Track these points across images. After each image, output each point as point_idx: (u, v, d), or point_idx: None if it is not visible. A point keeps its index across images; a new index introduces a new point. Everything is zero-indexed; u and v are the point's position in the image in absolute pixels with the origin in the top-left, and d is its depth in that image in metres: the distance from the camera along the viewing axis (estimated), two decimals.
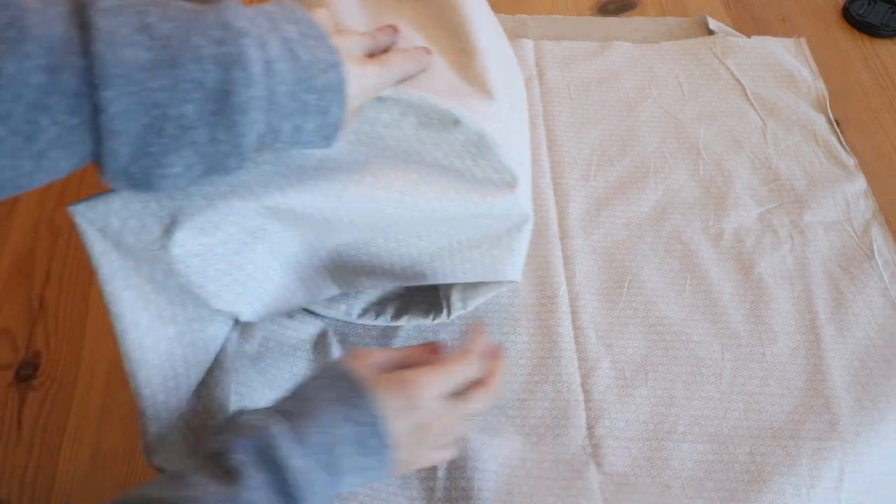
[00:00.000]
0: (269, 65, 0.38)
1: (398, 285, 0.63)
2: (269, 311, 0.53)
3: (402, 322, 0.63)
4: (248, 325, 0.55)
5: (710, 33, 0.90)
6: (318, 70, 0.41)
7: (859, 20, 0.91)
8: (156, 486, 0.38)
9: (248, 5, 0.41)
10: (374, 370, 0.46)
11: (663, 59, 0.87)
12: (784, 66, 0.85)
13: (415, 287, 0.64)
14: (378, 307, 0.64)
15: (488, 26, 0.60)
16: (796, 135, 0.80)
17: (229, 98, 0.37)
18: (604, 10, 0.94)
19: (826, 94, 0.83)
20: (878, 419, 0.61)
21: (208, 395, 0.51)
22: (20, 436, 0.62)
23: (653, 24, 0.92)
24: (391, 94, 0.48)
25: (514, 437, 0.59)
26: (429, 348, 0.51)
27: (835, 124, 0.81)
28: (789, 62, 0.86)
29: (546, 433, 0.59)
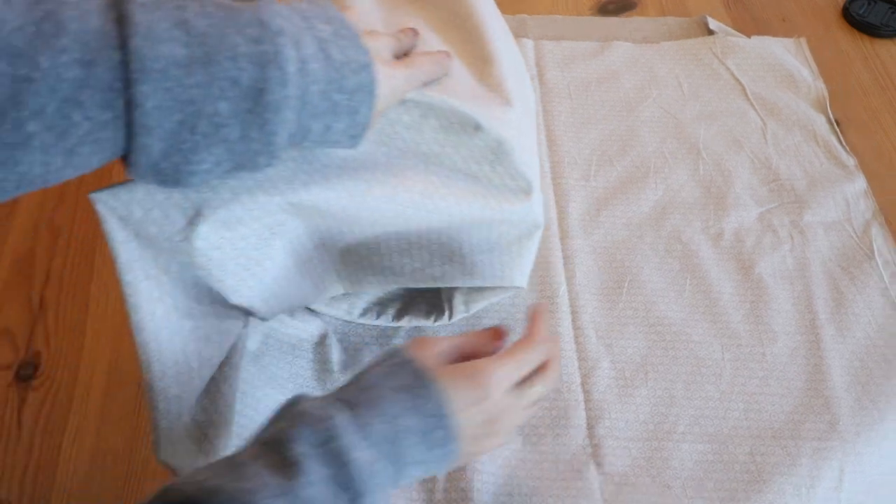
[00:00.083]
0: (303, 64, 0.38)
1: (403, 287, 0.63)
2: (281, 307, 0.53)
3: (403, 323, 0.63)
4: (250, 322, 0.55)
5: (710, 33, 0.90)
6: (350, 71, 0.41)
7: (859, 20, 0.91)
8: (210, 475, 0.36)
9: (283, 2, 0.40)
10: (440, 359, 0.45)
11: (663, 59, 0.87)
12: (784, 66, 0.85)
13: (416, 288, 0.64)
14: (379, 307, 0.64)
15: (500, 31, 0.60)
16: (796, 135, 0.80)
17: (263, 97, 0.37)
18: (604, 10, 0.94)
19: (826, 94, 0.83)
20: (878, 419, 0.61)
21: (216, 390, 0.50)
22: (20, 436, 0.62)
23: (653, 24, 0.92)
24: (414, 97, 0.48)
25: (514, 437, 0.59)
26: (493, 334, 0.49)
27: (835, 124, 0.81)
28: (789, 62, 0.86)
29: (546, 433, 0.59)
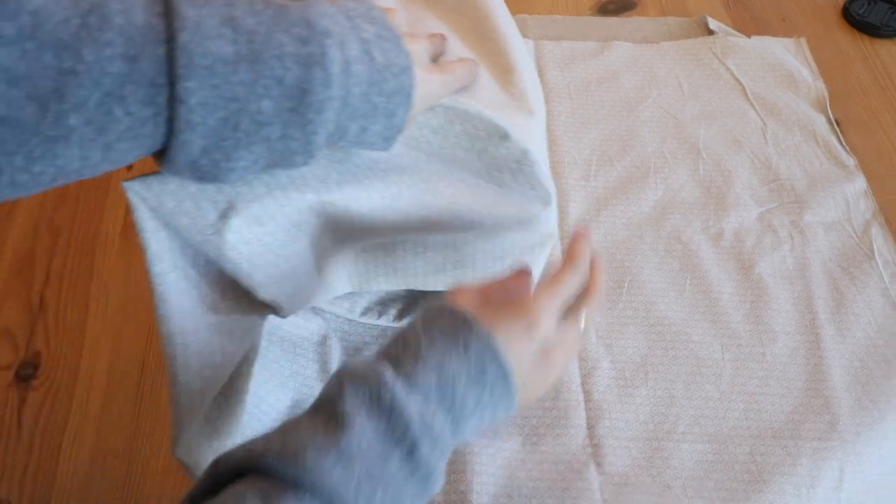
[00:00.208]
0: (347, 66, 0.38)
1: (411, 289, 0.63)
2: (302, 305, 0.53)
3: (404, 323, 0.63)
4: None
5: (710, 33, 0.90)
6: (391, 74, 0.41)
7: (859, 20, 0.91)
8: (263, 439, 0.35)
9: (328, 1, 0.40)
10: (478, 303, 0.43)
11: (663, 59, 0.87)
12: (784, 66, 0.85)
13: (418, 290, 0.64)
14: (381, 307, 0.64)
15: (518, 38, 0.60)
16: (796, 135, 0.80)
17: (307, 97, 0.37)
18: (604, 10, 0.94)
19: (826, 94, 0.83)
20: (878, 419, 0.61)
21: (230, 386, 0.50)
22: (20, 436, 0.62)
23: (653, 24, 0.92)
24: (445, 101, 0.48)
25: (513, 438, 0.59)
26: (517, 274, 0.47)
27: (835, 124, 0.81)
28: (789, 62, 0.86)
29: (546, 433, 0.59)
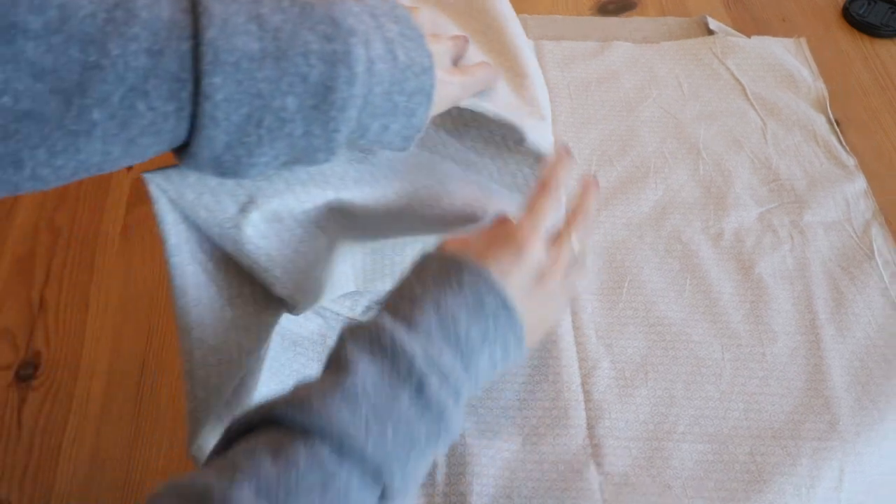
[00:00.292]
0: (371, 64, 0.38)
1: None
2: (315, 302, 0.52)
3: None
4: None
5: (710, 33, 0.90)
6: (413, 73, 0.41)
7: (859, 20, 0.91)
8: (275, 397, 0.37)
9: None
10: (464, 246, 0.43)
11: (663, 59, 0.87)
12: (784, 66, 0.85)
13: None
14: (381, 306, 0.64)
15: (525, 42, 0.60)
16: (796, 135, 0.80)
17: (330, 94, 0.37)
18: (604, 10, 0.94)
19: (826, 94, 0.83)
20: (878, 419, 0.61)
21: (241, 383, 0.49)
22: (20, 436, 0.62)
23: (653, 24, 0.92)
24: (465, 104, 0.48)
25: (513, 438, 0.59)
26: (503, 219, 0.47)
27: (835, 124, 0.81)
28: (789, 62, 0.86)
29: (546, 433, 0.59)
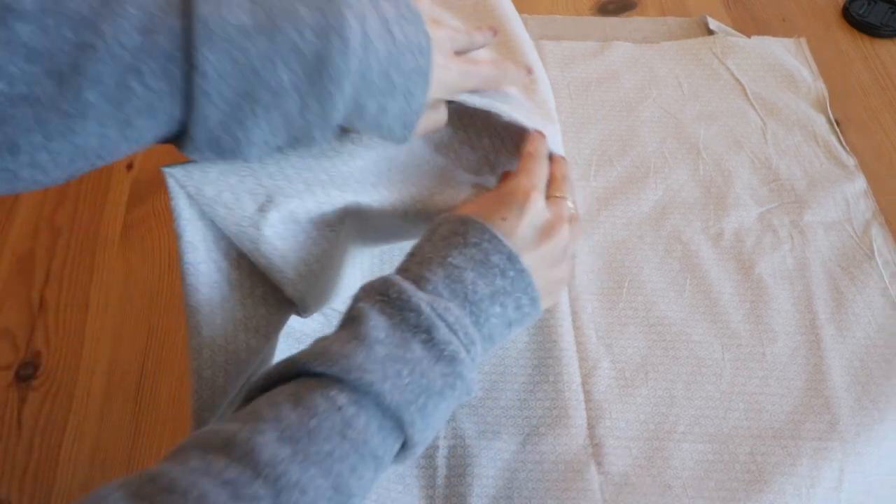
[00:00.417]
0: (366, 39, 0.38)
1: None
2: (323, 305, 0.53)
3: None
4: None
5: (710, 33, 0.90)
6: (410, 52, 0.40)
7: (859, 20, 0.91)
8: (297, 352, 0.38)
9: None
10: (471, 208, 0.44)
11: (663, 59, 0.87)
12: (784, 66, 0.85)
13: None
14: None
15: (532, 45, 0.60)
16: (796, 135, 0.80)
17: (325, 67, 0.37)
18: (604, 10, 0.94)
19: (826, 94, 0.83)
20: (878, 419, 0.61)
21: (245, 384, 0.49)
22: (20, 436, 0.62)
23: (653, 24, 0.92)
24: (477, 102, 0.48)
25: (513, 438, 0.59)
26: (505, 179, 0.49)
27: (835, 124, 0.81)
28: (789, 62, 0.86)
29: (546, 433, 0.59)
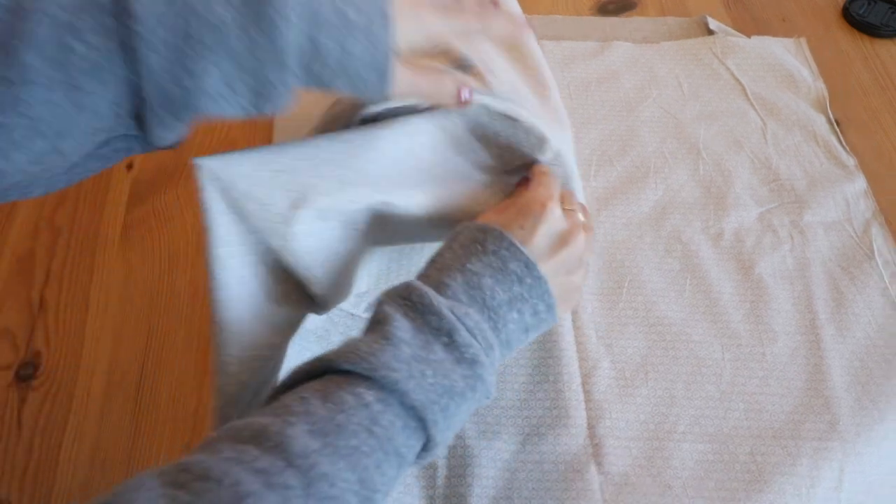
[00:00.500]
0: None
1: None
2: (339, 302, 0.53)
3: None
4: None
5: (710, 33, 0.90)
6: None
7: (859, 20, 0.91)
8: (325, 352, 0.39)
9: None
10: (490, 217, 0.46)
11: (663, 59, 0.87)
12: (784, 66, 0.85)
13: None
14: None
15: (540, 52, 0.61)
16: (796, 135, 0.80)
17: None
18: (604, 10, 0.94)
19: (826, 94, 0.83)
20: (878, 419, 0.61)
21: (264, 381, 0.49)
22: (20, 436, 0.62)
23: (653, 24, 0.92)
24: (498, 106, 0.48)
25: (513, 438, 0.59)
26: (522, 187, 0.50)
27: (835, 124, 0.81)
28: (789, 62, 0.86)
29: (546, 433, 0.59)
